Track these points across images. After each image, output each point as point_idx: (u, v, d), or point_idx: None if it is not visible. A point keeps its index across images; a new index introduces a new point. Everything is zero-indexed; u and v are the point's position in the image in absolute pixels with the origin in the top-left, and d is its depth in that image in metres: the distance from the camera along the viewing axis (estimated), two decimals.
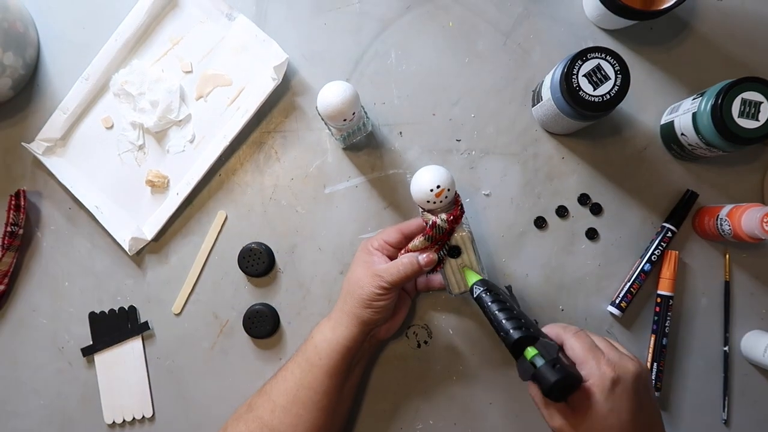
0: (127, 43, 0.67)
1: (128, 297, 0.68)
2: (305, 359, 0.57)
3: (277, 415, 0.56)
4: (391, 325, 0.62)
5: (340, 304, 0.58)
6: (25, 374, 0.68)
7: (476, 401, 0.65)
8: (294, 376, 0.57)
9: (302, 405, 0.56)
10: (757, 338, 0.62)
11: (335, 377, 0.57)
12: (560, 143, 0.66)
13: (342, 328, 0.57)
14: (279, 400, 0.56)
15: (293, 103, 0.67)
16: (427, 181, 0.54)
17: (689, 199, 0.64)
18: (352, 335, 0.57)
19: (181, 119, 0.67)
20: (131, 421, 0.67)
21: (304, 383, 0.56)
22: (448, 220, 0.55)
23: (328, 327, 0.58)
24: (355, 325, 0.57)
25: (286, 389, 0.57)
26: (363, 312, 0.56)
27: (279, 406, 0.56)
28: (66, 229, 0.68)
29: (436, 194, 0.54)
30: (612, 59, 0.55)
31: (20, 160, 0.69)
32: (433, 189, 0.54)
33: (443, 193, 0.54)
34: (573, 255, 0.65)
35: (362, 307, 0.56)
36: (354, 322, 0.57)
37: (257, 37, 0.66)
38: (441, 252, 0.57)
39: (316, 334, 0.58)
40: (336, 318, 0.58)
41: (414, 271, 0.55)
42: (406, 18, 0.67)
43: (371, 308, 0.56)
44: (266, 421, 0.56)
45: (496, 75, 0.67)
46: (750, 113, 0.55)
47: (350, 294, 0.57)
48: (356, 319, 0.57)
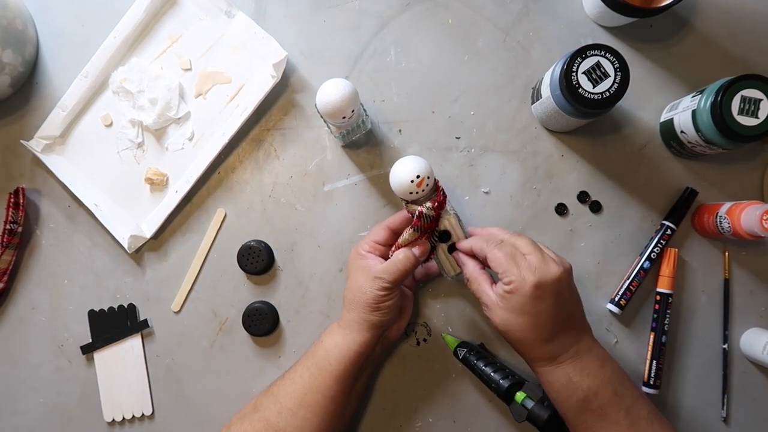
0: (126, 40, 0.67)
1: (127, 295, 0.68)
2: (315, 363, 0.57)
3: (284, 417, 0.56)
4: (400, 323, 0.62)
5: (347, 314, 0.57)
6: (25, 372, 0.68)
7: (475, 399, 0.65)
8: (303, 380, 0.57)
9: (309, 409, 0.56)
10: (756, 336, 0.62)
11: (344, 383, 0.56)
12: (560, 141, 0.66)
13: (354, 334, 0.56)
14: (286, 403, 0.56)
15: (292, 101, 0.67)
16: (407, 173, 0.54)
17: (689, 196, 0.64)
18: (365, 340, 0.56)
19: (180, 117, 0.67)
20: (131, 419, 0.67)
21: (313, 387, 0.56)
22: (434, 208, 0.55)
23: (340, 334, 0.57)
24: (366, 330, 0.56)
25: (294, 392, 0.56)
26: (372, 316, 0.56)
27: (286, 409, 0.56)
28: (65, 226, 0.68)
29: (416, 184, 0.54)
30: (611, 56, 0.55)
31: (19, 158, 0.69)
32: (413, 180, 0.54)
33: (424, 182, 0.54)
34: (572, 253, 0.65)
35: (370, 311, 0.56)
36: (365, 327, 0.56)
37: (256, 35, 0.66)
38: (432, 239, 0.58)
39: (327, 339, 0.58)
40: (347, 324, 0.57)
41: (412, 264, 0.56)
42: (405, 15, 0.67)
43: (379, 311, 0.56)
44: (272, 422, 0.56)
45: (495, 72, 0.67)
46: (750, 110, 0.55)
47: (354, 302, 0.56)
48: (367, 324, 0.56)
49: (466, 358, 0.61)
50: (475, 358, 0.61)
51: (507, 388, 0.57)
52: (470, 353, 0.61)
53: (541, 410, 0.55)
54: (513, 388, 0.58)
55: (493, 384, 0.59)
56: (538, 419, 0.55)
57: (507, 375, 0.59)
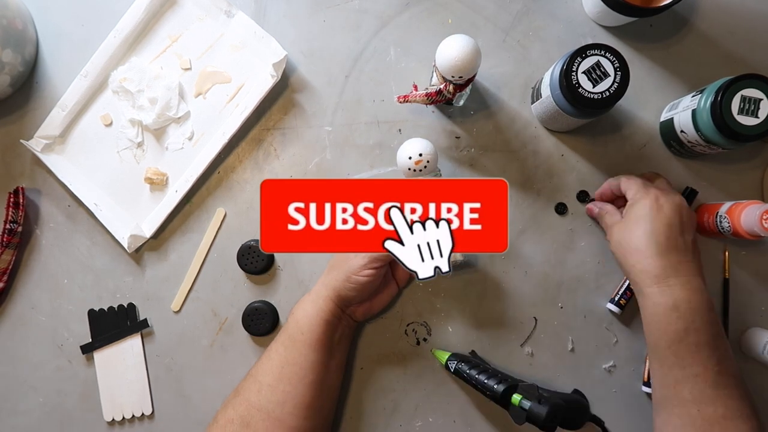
0: (125, 40, 0.67)
1: (127, 294, 0.68)
2: (288, 336, 0.58)
3: (264, 395, 0.56)
4: (370, 307, 0.63)
5: (322, 277, 0.60)
6: (25, 372, 0.68)
7: (475, 399, 0.65)
8: (278, 354, 0.57)
9: (288, 381, 0.56)
10: (756, 335, 0.62)
11: (319, 351, 0.57)
12: (559, 140, 0.66)
13: (320, 300, 0.58)
14: (265, 380, 0.57)
15: (292, 100, 0.67)
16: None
17: (688, 196, 0.64)
18: (330, 308, 0.58)
19: (179, 116, 0.67)
20: (131, 419, 0.67)
21: (289, 359, 0.57)
22: (453, 92, 0.58)
23: (309, 301, 0.59)
24: (331, 299, 0.58)
25: (271, 368, 0.57)
26: (342, 285, 0.58)
27: (265, 386, 0.56)
28: (65, 226, 0.68)
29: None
30: (611, 56, 0.55)
31: (19, 158, 0.69)
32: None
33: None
34: (572, 252, 0.65)
35: (343, 280, 0.58)
36: (331, 296, 0.58)
37: (256, 34, 0.66)
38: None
39: (297, 311, 0.59)
40: (316, 291, 0.59)
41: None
42: (405, 15, 0.67)
43: (350, 282, 0.57)
44: (253, 401, 0.56)
45: (495, 72, 0.67)
46: (750, 110, 0.55)
47: (335, 267, 0.59)
48: (334, 292, 0.58)
49: (458, 369, 0.61)
50: (467, 368, 0.60)
51: (502, 393, 0.57)
52: (461, 363, 0.61)
53: (539, 408, 0.54)
54: (508, 392, 0.57)
55: (488, 391, 0.58)
56: (537, 417, 0.54)
57: (501, 380, 0.58)
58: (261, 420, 0.55)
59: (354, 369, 0.65)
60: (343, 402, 0.65)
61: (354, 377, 0.65)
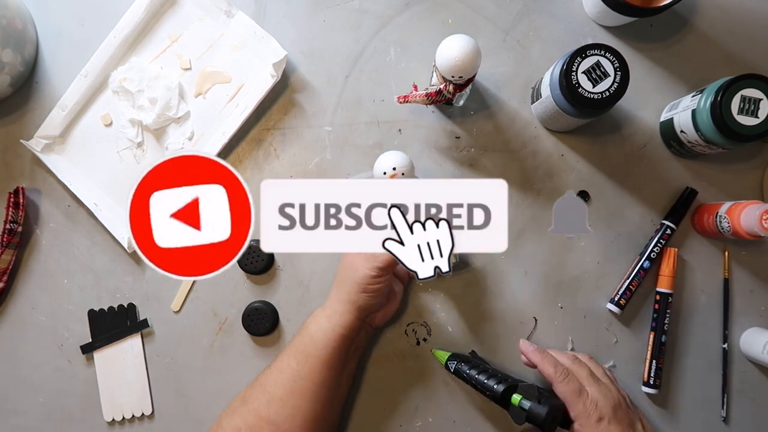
0: (125, 40, 0.67)
1: (127, 294, 0.68)
2: (301, 350, 0.57)
3: (274, 408, 0.56)
4: (386, 311, 0.62)
5: (335, 293, 0.58)
6: (25, 372, 0.68)
7: (475, 399, 0.65)
8: (290, 368, 0.57)
9: (300, 396, 0.56)
10: (756, 335, 0.62)
11: (332, 368, 0.56)
12: (559, 140, 0.66)
13: (338, 316, 0.57)
14: (276, 392, 0.56)
15: (292, 100, 0.67)
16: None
17: (688, 196, 0.64)
18: (349, 323, 0.56)
19: (179, 116, 0.67)
20: (131, 419, 0.67)
21: (301, 374, 0.56)
22: (453, 92, 0.57)
23: (324, 316, 0.57)
24: (350, 312, 0.57)
25: (283, 381, 0.56)
26: (358, 297, 0.56)
27: (276, 399, 0.56)
28: (65, 226, 0.68)
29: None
30: (611, 56, 0.55)
31: (19, 158, 0.69)
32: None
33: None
34: (572, 252, 0.65)
35: (358, 292, 0.56)
36: (349, 309, 0.57)
37: (256, 34, 0.66)
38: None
39: (311, 324, 0.58)
40: (331, 306, 0.58)
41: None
42: (405, 15, 0.67)
43: (366, 292, 0.56)
44: (263, 414, 0.56)
45: (495, 72, 0.66)
46: (749, 110, 0.55)
47: (344, 280, 0.57)
48: (352, 305, 0.56)
49: (458, 369, 0.61)
50: (467, 368, 0.60)
51: (502, 393, 0.57)
52: (461, 364, 0.61)
53: (538, 408, 0.54)
54: (508, 392, 0.57)
55: (488, 391, 0.58)
56: (537, 417, 0.54)
57: (501, 380, 0.58)
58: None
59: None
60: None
61: (354, 377, 0.65)
